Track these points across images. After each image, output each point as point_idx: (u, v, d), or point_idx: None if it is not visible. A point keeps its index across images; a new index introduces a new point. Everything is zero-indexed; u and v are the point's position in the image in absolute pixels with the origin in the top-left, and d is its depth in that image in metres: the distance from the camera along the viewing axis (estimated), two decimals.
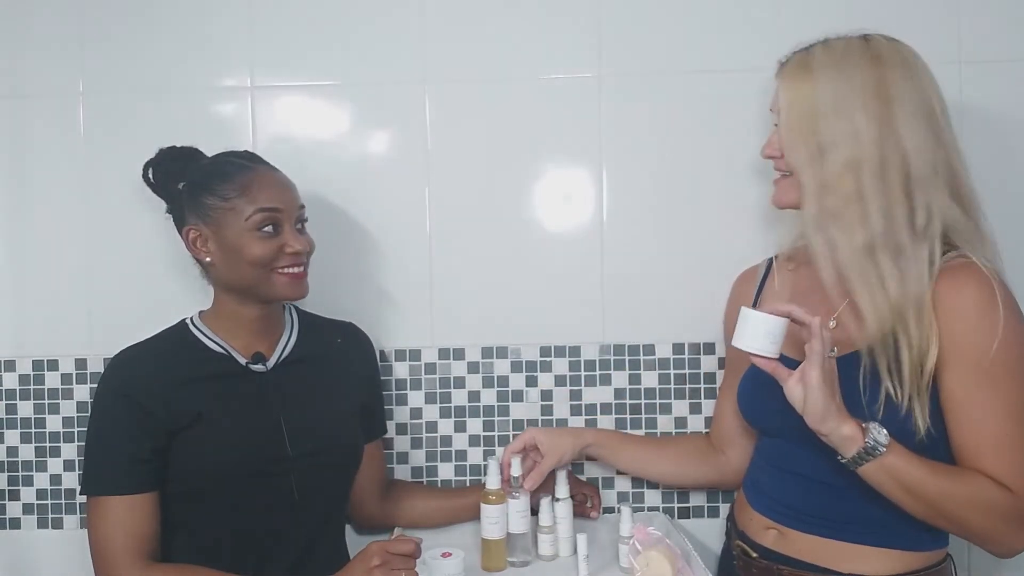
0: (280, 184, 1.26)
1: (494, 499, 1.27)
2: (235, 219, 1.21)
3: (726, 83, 1.47)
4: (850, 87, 1.10)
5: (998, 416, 1.05)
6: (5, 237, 1.52)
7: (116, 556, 1.15)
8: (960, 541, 1.16)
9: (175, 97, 1.51)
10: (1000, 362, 1.04)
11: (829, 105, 1.10)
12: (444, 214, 1.51)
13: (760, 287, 1.33)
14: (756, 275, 1.35)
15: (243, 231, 1.21)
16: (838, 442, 1.04)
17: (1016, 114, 1.46)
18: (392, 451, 1.51)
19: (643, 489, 1.51)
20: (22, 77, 1.51)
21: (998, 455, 1.04)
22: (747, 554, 1.20)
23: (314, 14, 1.50)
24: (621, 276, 1.50)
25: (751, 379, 1.24)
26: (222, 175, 1.24)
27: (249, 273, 1.22)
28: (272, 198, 1.23)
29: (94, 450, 1.20)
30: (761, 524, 1.20)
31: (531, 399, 1.51)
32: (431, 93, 1.51)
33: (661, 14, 1.49)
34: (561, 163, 1.51)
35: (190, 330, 1.27)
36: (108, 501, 1.17)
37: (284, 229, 1.24)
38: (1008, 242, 1.46)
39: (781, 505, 1.18)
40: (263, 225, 1.22)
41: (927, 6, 1.46)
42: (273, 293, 1.25)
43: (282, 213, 1.23)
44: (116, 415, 1.19)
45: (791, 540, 1.15)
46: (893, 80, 1.10)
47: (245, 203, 1.22)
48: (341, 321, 1.42)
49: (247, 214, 1.21)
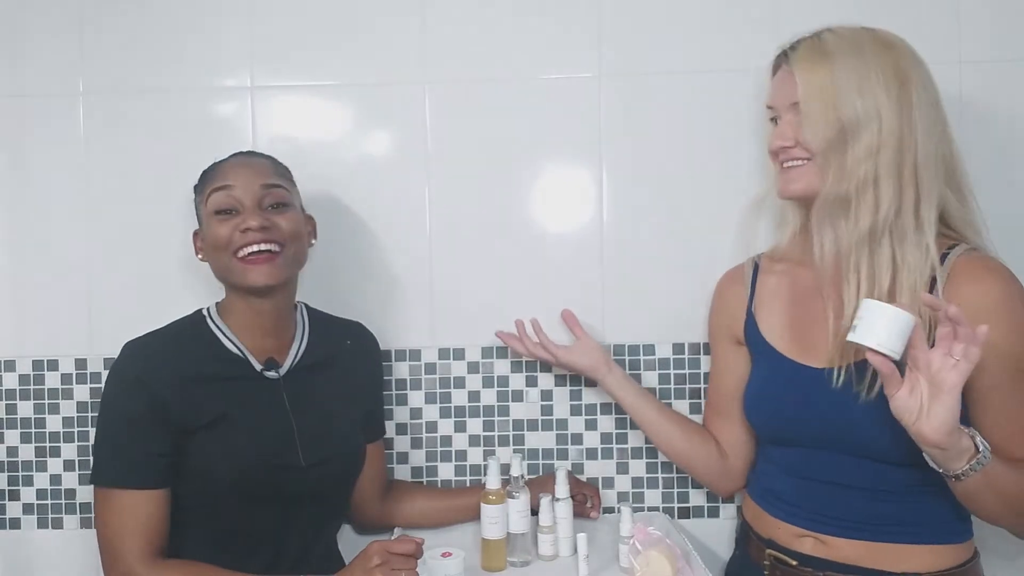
0: (241, 164, 1.25)
1: (494, 499, 1.27)
2: (203, 208, 1.23)
3: (726, 83, 1.47)
4: (869, 68, 1.09)
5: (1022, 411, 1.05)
6: (5, 237, 1.52)
7: (125, 550, 1.14)
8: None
9: (175, 97, 1.51)
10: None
11: (853, 85, 1.09)
12: (444, 214, 1.51)
13: (753, 287, 1.30)
14: (744, 275, 1.33)
15: (208, 217, 1.22)
16: (954, 455, 0.98)
17: (1016, 114, 1.46)
18: (392, 451, 1.51)
19: (643, 489, 1.51)
20: (22, 77, 1.51)
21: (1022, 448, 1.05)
22: (784, 563, 1.16)
23: (314, 14, 1.50)
24: (621, 276, 1.50)
25: (760, 389, 1.22)
26: (204, 175, 1.26)
27: (219, 261, 1.23)
28: (227, 176, 1.22)
29: (106, 439, 1.18)
30: (792, 532, 1.17)
31: (531, 399, 1.51)
32: (431, 93, 1.51)
33: (661, 14, 1.49)
34: (561, 163, 1.51)
35: (207, 324, 1.26)
36: (119, 494, 1.15)
37: (244, 209, 1.21)
38: (1008, 242, 1.46)
39: (813, 513, 1.15)
40: (221, 208, 1.21)
41: (927, 6, 1.46)
42: (240, 280, 1.21)
43: (236, 189, 1.21)
44: (130, 405, 1.16)
45: (834, 547, 1.13)
46: (906, 64, 1.11)
47: (207, 187, 1.23)
48: (350, 321, 1.42)
49: (207, 197, 1.22)
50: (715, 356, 1.39)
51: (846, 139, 1.09)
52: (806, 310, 1.20)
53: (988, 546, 1.23)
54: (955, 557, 1.11)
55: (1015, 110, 1.46)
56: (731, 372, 1.32)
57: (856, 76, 1.09)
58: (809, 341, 1.18)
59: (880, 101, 1.08)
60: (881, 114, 1.08)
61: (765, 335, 1.24)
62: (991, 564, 1.20)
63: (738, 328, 1.30)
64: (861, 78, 1.09)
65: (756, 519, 1.24)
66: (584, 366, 1.40)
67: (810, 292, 1.20)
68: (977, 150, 1.45)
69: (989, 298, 1.05)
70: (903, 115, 1.08)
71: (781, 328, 1.23)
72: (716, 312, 1.38)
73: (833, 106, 1.09)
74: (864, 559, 1.11)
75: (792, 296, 1.24)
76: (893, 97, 1.08)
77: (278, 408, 1.24)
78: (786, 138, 1.15)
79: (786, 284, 1.26)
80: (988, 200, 1.46)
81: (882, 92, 1.08)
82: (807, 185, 1.14)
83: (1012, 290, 1.06)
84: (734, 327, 1.31)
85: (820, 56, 1.12)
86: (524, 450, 1.51)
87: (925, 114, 1.09)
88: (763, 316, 1.26)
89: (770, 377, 1.21)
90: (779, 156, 1.18)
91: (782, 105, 1.17)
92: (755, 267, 1.32)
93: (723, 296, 1.37)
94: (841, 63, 1.10)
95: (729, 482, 1.36)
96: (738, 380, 1.30)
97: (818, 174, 1.12)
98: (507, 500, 1.28)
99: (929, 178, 1.09)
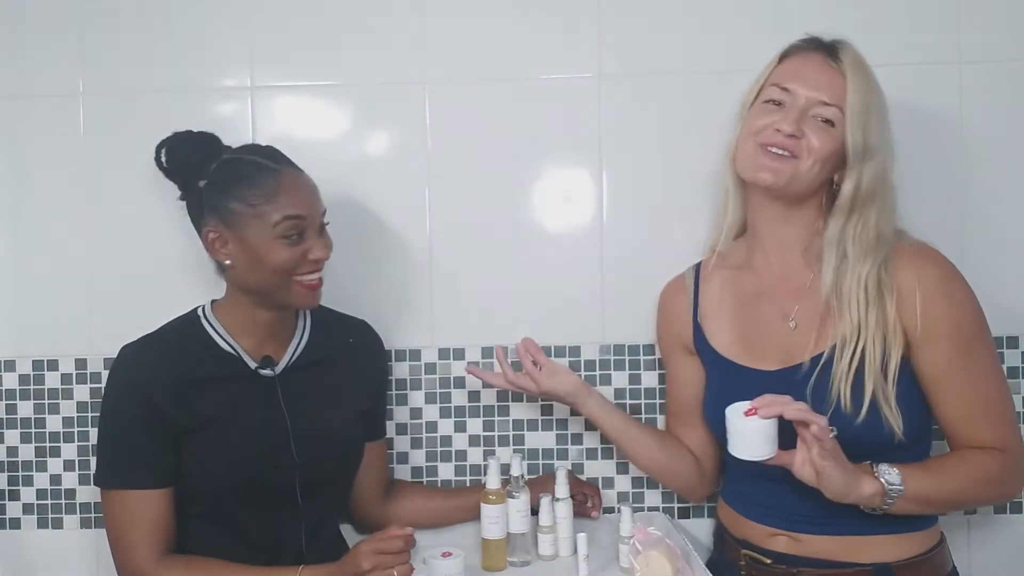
0: (307, 189, 1.23)
1: (494, 499, 1.27)
2: (260, 225, 1.18)
3: (726, 83, 1.46)
4: (883, 106, 1.16)
5: (980, 383, 1.12)
6: (6, 237, 1.52)
7: (133, 548, 1.17)
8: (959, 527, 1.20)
9: (175, 97, 1.51)
10: (975, 332, 1.12)
11: (883, 108, 1.16)
12: (444, 214, 1.51)
13: (695, 297, 1.31)
14: (685, 284, 1.34)
15: (268, 238, 1.18)
16: (864, 503, 1.09)
17: (1016, 114, 1.46)
18: (392, 451, 1.51)
19: (643, 489, 1.51)
20: (22, 77, 1.51)
21: (988, 419, 1.12)
22: (759, 561, 1.20)
23: (314, 14, 1.50)
24: (621, 276, 1.50)
25: (716, 398, 1.23)
26: (248, 179, 1.20)
27: (269, 279, 1.21)
28: (299, 205, 1.20)
29: (107, 442, 1.21)
30: (765, 532, 1.20)
31: (531, 399, 1.51)
32: (431, 93, 1.51)
33: (661, 14, 1.49)
34: (561, 163, 1.51)
35: (201, 324, 1.26)
36: (123, 494, 1.18)
37: (308, 235, 1.21)
38: (1008, 242, 1.47)
39: (784, 513, 1.18)
40: (289, 232, 1.19)
41: (927, 6, 1.45)
42: (288, 301, 1.24)
43: (307, 220, 1.21)
44: (127, 409, 1.19)
45: (805, 543, 1.17)
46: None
47: (272, 210, 1.18)
48: (355, 319, 1.41)
49: (274, 221, 1.18)
50: (669, 367, 1.39)
51: (866, 156, 1.13)
52: (753, 314, 1.23)
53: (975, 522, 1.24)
54: (922, 544, 1.16)
55: (1015, 110, 1.46)
56: (688, 382, 1.34)
57: (882, 100, 1.16)
58: (759, 345, 1.21)
59: (885, 128, 1.15)
60: (885, 137, 1.15)
61: (714, 344, 1.26)
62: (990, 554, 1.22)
63: (687, 338, 1.32)
64: (882, 110, 1.15)
65: (729, 520, 1.27)
66: (566, 390, 1.33)
67: (757, 294, 1.24)
68: (977, 150, 1.45)
69: (928, 280, 1.11)
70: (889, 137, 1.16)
71: (730, 335, 1.25)
72: (663, 324, 1.38)
73: (865, 122, 1.12)
74: (836, 553, 1.15)
75: (736, 301, 1.26)
76: (888, 123, 1.16)
77: (273, 406, 1.24)
78: (800, 129, 1.13)
79: (729, 291, 1.28)
80: (988, 200, 1.46)
81: (886, 118, 1.16)
82: (785, 179, 1.14)
83: (947, 271, 1.14)
84: (683, 337, 1.33)
85: (864, 71, 1.15)
86: (524, 450, 1.51)
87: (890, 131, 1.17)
88: (709, 325, 1.28)
89: (724, 385, 1.23)
90: (768, 137, 1.15)
91: (810, 95, 1.13)
92: (695, 275, 1.33)
93: (667, 307, 1.37)
94: (875, 83, 1.15)
95: (705, 487, 1.38)
96: (696, 389, 1.32)
97: (798, 176, 1.14)
98: (507, 500, 1.28)
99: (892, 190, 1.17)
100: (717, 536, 1.34)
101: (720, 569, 1.25)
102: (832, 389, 1.11)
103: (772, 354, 1.19)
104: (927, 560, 1.15)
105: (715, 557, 1.33)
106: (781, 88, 1.17)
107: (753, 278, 1.24)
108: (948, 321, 1.10)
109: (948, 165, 1.45)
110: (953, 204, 1.45)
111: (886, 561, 1.13)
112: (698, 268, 1.34)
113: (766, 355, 1.20)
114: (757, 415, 1.04)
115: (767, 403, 1.04)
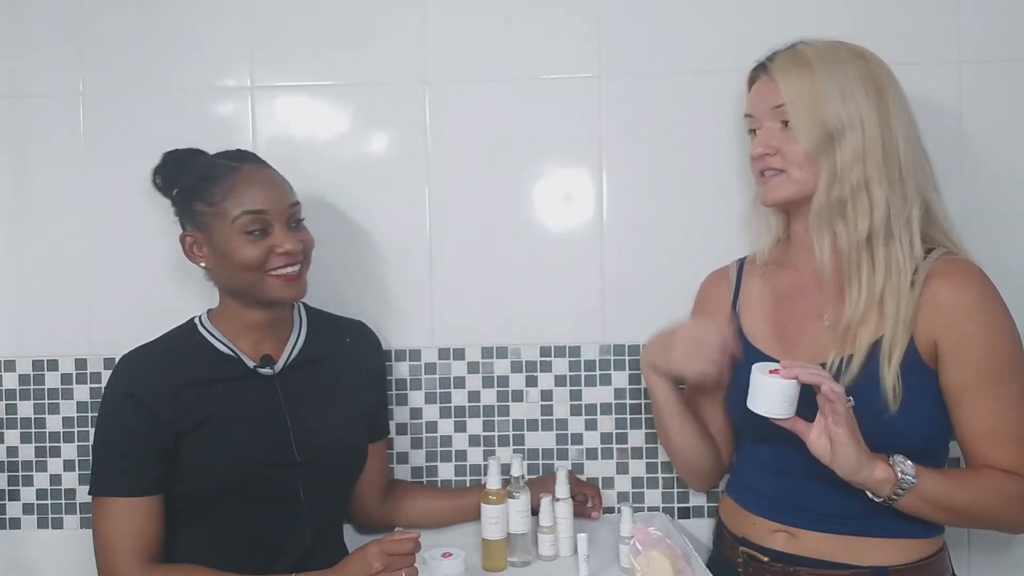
0: (266, 183, 1.23)
1: (494, 499, 1.27)
2: (222, 223, 1.20)
3: (726, 83, 1.47)
4: (847, 76, 1.14)
5: (1006, 407, 1.09)
6: (6, 237, 1.52)
7: (119, 556, 1.16)
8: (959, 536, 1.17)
9: (175, 97, 1.51)
10: (1007, 355, 1.10)
11: (835, 92, 1.13)
12: (444, 214, 1.51)
13: (736, 291, 1.33)
14: (728, 278, 1.36)
15: (231, 235, 1.20)
16: (873, 487, 1.08)
17: (1016, 114, 1.46)
18: (392, 451, 1.51)
19: (643, 489, 1.51)
20: (22, 77, 1.51)
21: (1013, 444, 1.09)
22: (756, 559, 1.20)
23: (314, 14, 1.50)
24: (621, 276, 1.50)
25: (739, 388, 1.22)
26: (208, 179, 1.22)
27: (241, 277, 1.22)
28: (257, 199, 1.20)
29: (101, 451, 1.21)
30: (766, 528, 1.20)
31: (531, 399, 1.51)
32: (431, 93, 1.51)
33: (661, 14, 1.49)
34: (561, 163, 1.51)
35: (198, 330, 1.27)
36: (113, 502, 1.17)
37: (274, 229, 1.21)
38: (1008, 242, 1.47)
39: (788, 507, 1.18)
40: (250, 228, 1.20)
41: (927, 6, 1.46)
42: (268, 295, 1.23)
43: (269, 214, 1.21)
44: (123, 416, 1.19)
45: (804, 540, 1.17)
46: (880, 73, 1.16)
47: (231, 206, 1.20)
48: (351, 319, 1.42)
49: (232, 217, 1.19)
50: None
51: (832, 143, 1.13)
52: (789, 310, 1.24)
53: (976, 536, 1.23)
54: (921, 551, 1.14)
55: (1015, 110, 1.46)
56: None
57: (836, 83, 1.13)
58: (791, 340, 1.22)
59: (861, 107, 1.13)
60: (863, 120, 1.13)
61: (747, 335, 1.27)
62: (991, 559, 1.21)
63: None
64: (841, 85, 1.13)
65: (730, 516, 1.28)
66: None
67: (795, 293, 1.24)
68: (977, 150, 1.46)
69: (964, 300, 1.10)
70: (883, 121, 1.13)
71: (764, 328, 1.26)
72: (699, 310, 1.40)
73: (816, 110, 1.13)
74: (834, 553, 1.15)
75: (775, 298, 1.27)
76: (872, 104, 1.13)
77: (273, 405, 1.24)
78: (768, 145, 1.18)
79: (769, 286, 1.29)
80: (988, 200, 1.46)
81: (863, 99, 1.13)
82: (783, 194, 1.19)
83: (986, 293, 1.11)
84: None
85: (800, 63, 1.16)
86: (524, 450, 1.51)
87: (902, 121, 1.15)
88: (746, 316, 1.29)
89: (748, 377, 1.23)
90: (758, 164, 1.21)
91: (763, 112, 1.19)
92: (740, 268, 1.35)
93: (708, 295, 1.39)
94: (821, 70, 1.14)
95: (718, 473, 1.39)
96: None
97: (790, 185, 1.17)
98: (507, 500, 1.28)
99: (913, 182, 1.14)
100: (717, 534, 1.34)
101: (719, 568, 1.25)
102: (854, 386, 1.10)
103: (803, 349, 1.19)
104: (926, 566, 1.14)
105: (714, 555, 1.33)
106: (748, 116, 1.24)
107: (793, 275, 1.25)
108: (975, 344, 1.09)
109: (948, 165, 1.44)
110: (953, 204, 1.44)
111: (882, 565, 1.12)
112: (742, 263, 1.36)
113: (797, 350, 1.19)
114: (779, 375, 1.07)
115: (790, 364, 1.06)
